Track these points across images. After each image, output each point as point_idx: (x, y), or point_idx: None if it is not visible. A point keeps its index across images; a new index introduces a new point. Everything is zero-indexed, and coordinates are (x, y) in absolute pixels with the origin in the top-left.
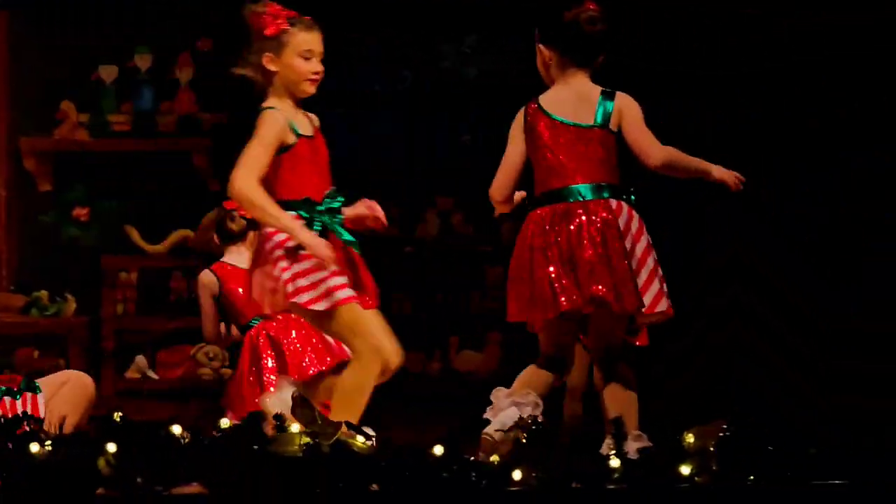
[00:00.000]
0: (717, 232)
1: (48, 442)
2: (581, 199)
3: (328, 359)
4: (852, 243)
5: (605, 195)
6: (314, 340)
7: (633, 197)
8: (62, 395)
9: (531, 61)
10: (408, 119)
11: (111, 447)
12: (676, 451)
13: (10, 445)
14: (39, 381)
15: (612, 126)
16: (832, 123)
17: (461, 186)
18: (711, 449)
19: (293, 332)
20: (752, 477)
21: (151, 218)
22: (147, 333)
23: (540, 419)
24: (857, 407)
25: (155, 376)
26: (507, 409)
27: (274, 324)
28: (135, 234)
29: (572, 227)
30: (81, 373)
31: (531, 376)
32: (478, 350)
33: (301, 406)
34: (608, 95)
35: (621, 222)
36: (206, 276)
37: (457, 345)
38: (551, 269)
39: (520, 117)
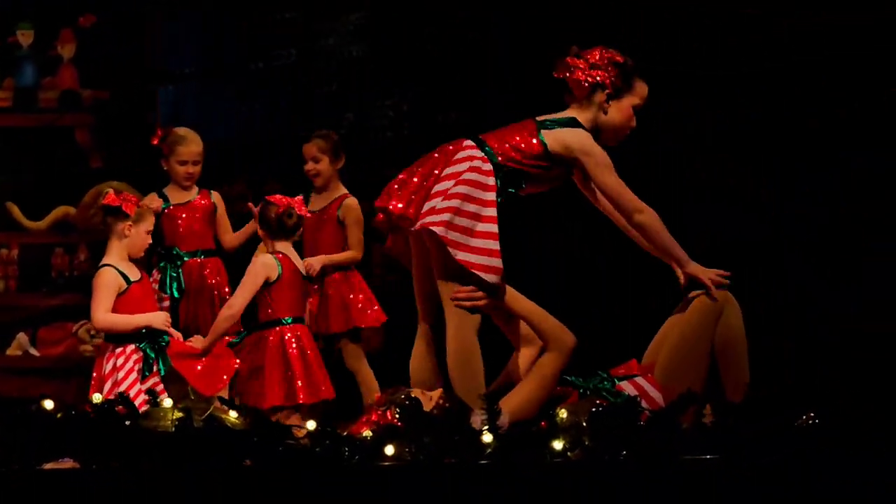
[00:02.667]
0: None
1: None
2: None
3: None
4: (852, 243)
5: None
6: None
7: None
8: None
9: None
10: (290, 97)
11: None
12: (550, 427)
13: None
14: None
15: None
16: (832, 123)
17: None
18: (584, 424)
19: (312, 348)
20: (624, 452)
21: (32, 194)
22: (28, 310)
23: (413, 395)
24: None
25: (36, 353)
26: None
27: (301, 331)
28: (15, 211)
29: None
30: None
31: None
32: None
33: (172, 380)
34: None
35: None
36: (269, 259)
37: None
38: None
39: None
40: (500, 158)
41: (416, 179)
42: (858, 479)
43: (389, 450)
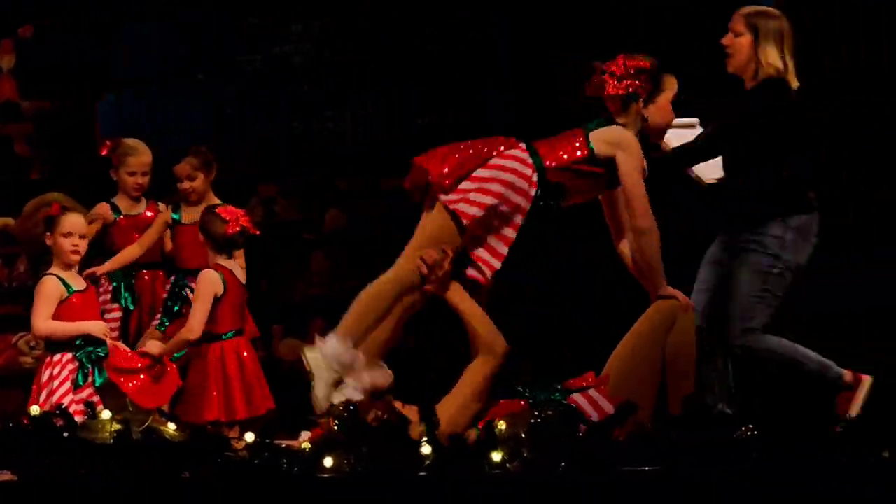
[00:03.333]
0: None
1: None
2: None
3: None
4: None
5: None
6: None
7: None
8: None
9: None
10: (234, 104)
11: None
12: (488, 438)
13: None
14: None
15: None
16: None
17: (287, 173)
18: (523, 436)
19: (253, 361)
20: (562, 463)
21: None
22: None
23: (353, 404)
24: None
25: None
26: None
27: (241, 345)
28: None
29: None
30: None
31: None
32: (301, 338)
33: (110, 393)
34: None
35: None
36: (213, 275)
37: (280, 333)
38: None
39: None
40: (547, 163)
41: (463, 155)
42: (800, 489)
43: (328, 461)
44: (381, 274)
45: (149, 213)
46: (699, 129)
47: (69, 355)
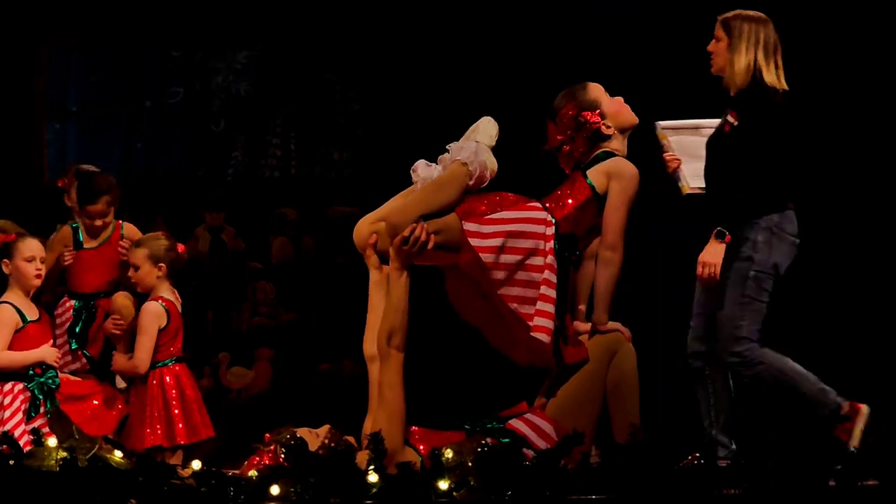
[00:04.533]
0: None
1: None
2: None
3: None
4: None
5: None
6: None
7: None
8: None
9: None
10: (177, 134)
11: None
12: (435, 467)
13: None
14: None
15: None
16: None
17: (231, 202)
18: (470, 464)
19: (192, 388)
20: (509, 492)
21: None
22: None
23: (299, 434)
24: None
25: None
26: None
27: (181, 371)
28: None
29: None
30: None
31: None
32: (248, 366)
33: (58, 420)
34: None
35: None
36: (157, 307)
37: (227, 361)
38: None
39: None
40: (556, 215)
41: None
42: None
43: (275, 489)
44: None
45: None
46: (705, 130)
47: (20, 385)
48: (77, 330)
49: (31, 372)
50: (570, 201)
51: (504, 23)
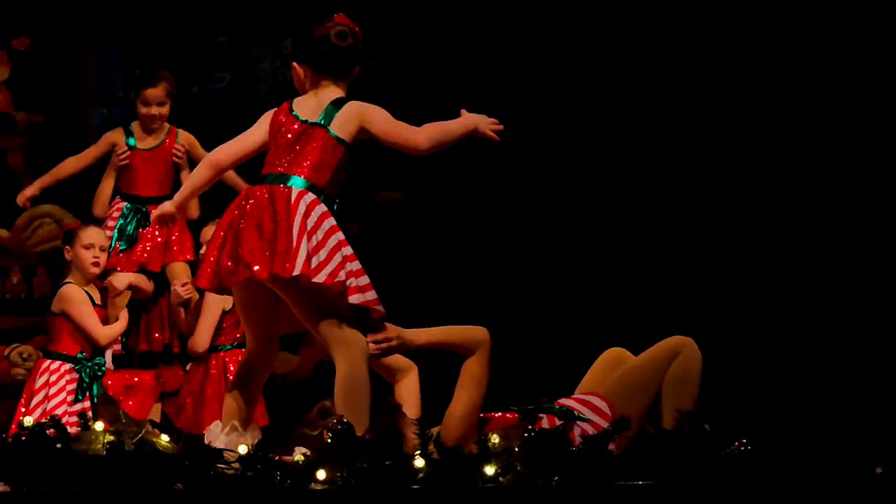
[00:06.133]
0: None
1: None
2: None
3: None
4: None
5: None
6: None
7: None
8: None
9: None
10: (225, 120)
11: None
12: (481, 452)
13: None
14: None
15: (341, 132)
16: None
17: None
18: (516, 449)
19: None
20: (556, 477)
21: None
22: None
23: (335, 420)
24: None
25: None
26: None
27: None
28: None
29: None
30: None
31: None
32: (293, 352)
33: (105, 404)
34: (338, 103)
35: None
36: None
37: None
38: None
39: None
40: (319, 183)
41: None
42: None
43: (321, 474)
44: None
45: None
46: None
47: (67, 366)
48: (128, 231)
49: (80, 355)
50: (325, 168)
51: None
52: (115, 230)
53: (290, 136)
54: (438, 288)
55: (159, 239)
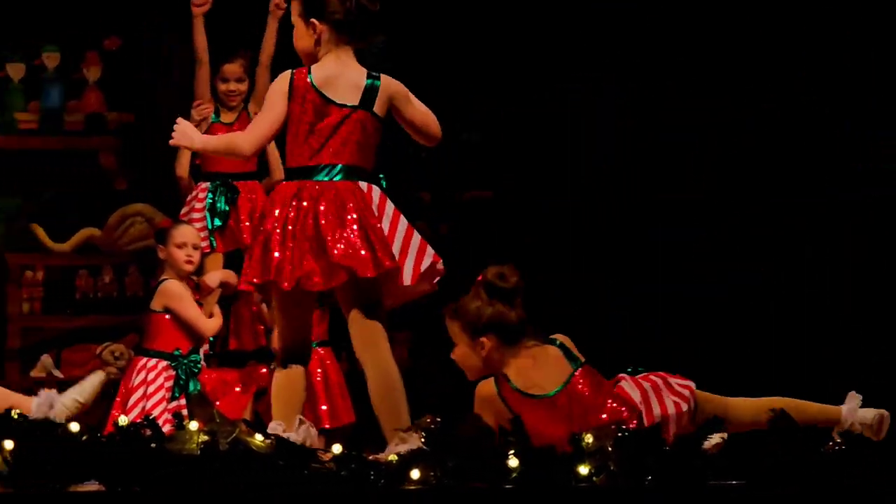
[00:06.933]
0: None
1: None
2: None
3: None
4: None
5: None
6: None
7: (384, 183)
8: None
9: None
10: None
11: (8, 444)
12: (575, 451)
13: None
14: None
15: (380, 112)
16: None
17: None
18: (610, 449)
19: (336, 372)
20: (649, 477)
21: (57, 216)
22: (52, 332)
23: (429, 419)
24: None
25: (60, 375)
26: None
27: (326, 355)
28: (40, 233)
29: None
30: None
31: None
32: None
33: (199, 404)
34: (374, 81)
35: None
36: None
37: None
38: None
39: (285, 80)
40: (369, 167)
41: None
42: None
43: (415, 473)
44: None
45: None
46: None
47: (164, 363)
48: (220, 207)
49: (176, 352)
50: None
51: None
52: (206, 210)
53: (331, 121)
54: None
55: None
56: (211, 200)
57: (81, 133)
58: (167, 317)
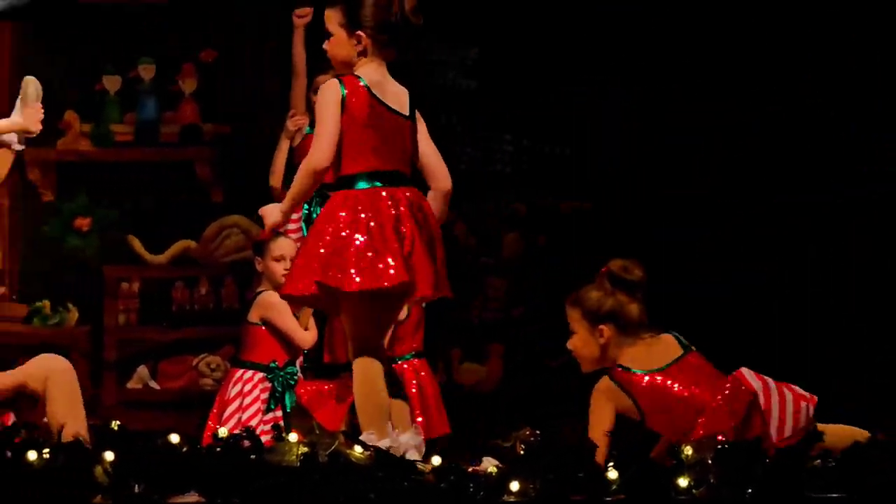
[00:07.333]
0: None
1: (45, 450)
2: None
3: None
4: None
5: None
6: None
7: None
8: (54, 397)
9: (530, 73)
10: None
11: (108, 455)
12: (675, 464)
13: (8, 454)
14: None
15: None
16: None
17: (463, 198)
18: (709, 461)
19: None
20: (749, 490)
21: (153, 228)
22: (149, 343)
23: (528, 431)
24: None
25: (157, 386)
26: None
27: (420, 366)
28: (136, 245)
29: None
30: (53, 360)
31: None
32: (480, 362)
33: (298, 415)
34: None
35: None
36: None
37: (459, 357)
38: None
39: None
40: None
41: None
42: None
43: (514, 486)
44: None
45: None
46: None
47: (260, 375)
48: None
49: (272, 364)
50: None
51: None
52: (302, 221)
53: (390, 128)
54: None
55: None
56: (307, 212)
57: (177, 145)
58: (264, 329)
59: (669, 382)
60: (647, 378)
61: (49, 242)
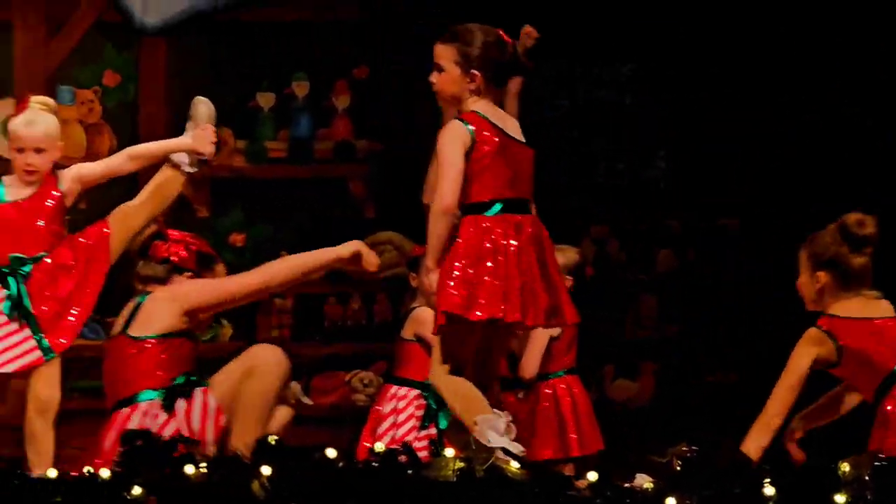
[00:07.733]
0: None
1: (203, 464)
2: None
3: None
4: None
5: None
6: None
7: None
8: (245, 405)
9: (683, 90)
10: (563, 147)
11: (266, 470)
12: (832, 480)
13: (167, 468)
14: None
15: None
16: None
17: (616, 214)
18: (867, 478)
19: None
20: None
21: (307, 244)
22: (302, 359)
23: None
24: None
25: (310, 402)
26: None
27: (573, 383)
28: None
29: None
30: (265, 351)
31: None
32: (632, 379)
33: (455, 430)
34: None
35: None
36: None
37: (612, 374)
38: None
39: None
40: None
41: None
42: None
43: (671, 501)
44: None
45: None
46: None
47: (415, 392)
48: None
49: (427, 381)
50: None
51: None
52: None
53: (516, 157)
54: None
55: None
56: None
57: (330, 161)
58: (418, 345)
59: (873, 334)
60: (855, 324)
61: None
